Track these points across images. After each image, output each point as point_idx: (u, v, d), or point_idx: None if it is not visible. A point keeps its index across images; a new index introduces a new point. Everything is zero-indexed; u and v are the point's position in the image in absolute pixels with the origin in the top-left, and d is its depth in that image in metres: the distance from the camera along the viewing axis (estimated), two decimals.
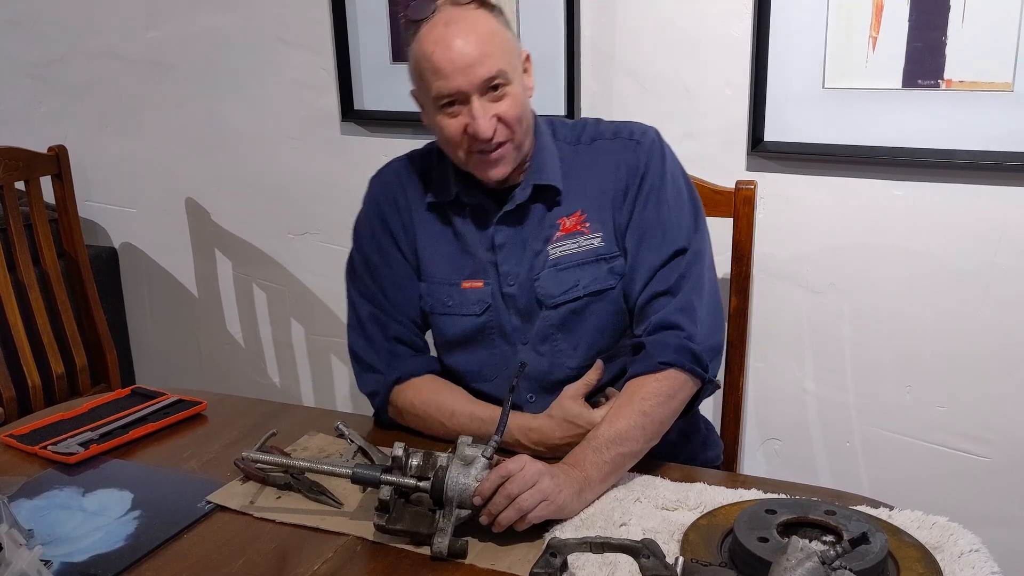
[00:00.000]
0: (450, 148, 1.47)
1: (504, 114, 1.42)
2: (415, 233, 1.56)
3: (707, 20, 2.00)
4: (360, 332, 1.59)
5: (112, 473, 1.47)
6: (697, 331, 1.44)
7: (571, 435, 1.40)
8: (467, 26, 1.40)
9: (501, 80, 1.41)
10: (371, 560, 1.22)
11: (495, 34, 1.42)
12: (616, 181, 1.51)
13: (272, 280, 2.64)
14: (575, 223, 1.51)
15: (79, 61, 2.68)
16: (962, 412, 2.01)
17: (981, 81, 1.81)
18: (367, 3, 2.28)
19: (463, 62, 1.38)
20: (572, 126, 1.58)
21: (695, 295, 1.47)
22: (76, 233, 2.45)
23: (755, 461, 2.23)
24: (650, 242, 1.48)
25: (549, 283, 1.50)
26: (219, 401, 1.73)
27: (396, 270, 1.57)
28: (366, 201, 1.62)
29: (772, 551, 1.08)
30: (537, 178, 1.50)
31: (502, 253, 1.52)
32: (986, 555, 1.15)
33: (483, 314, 1.53)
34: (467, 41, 1.39)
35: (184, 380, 2.81)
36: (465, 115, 1.42)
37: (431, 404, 1.52)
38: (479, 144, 1.42)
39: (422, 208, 1.56)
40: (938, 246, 1.95)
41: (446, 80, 1.40)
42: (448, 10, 1.42)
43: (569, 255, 1.50)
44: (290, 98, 2.46)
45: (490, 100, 1.42)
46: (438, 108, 1.43)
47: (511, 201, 1.51)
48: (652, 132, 1.55)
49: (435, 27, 1.41)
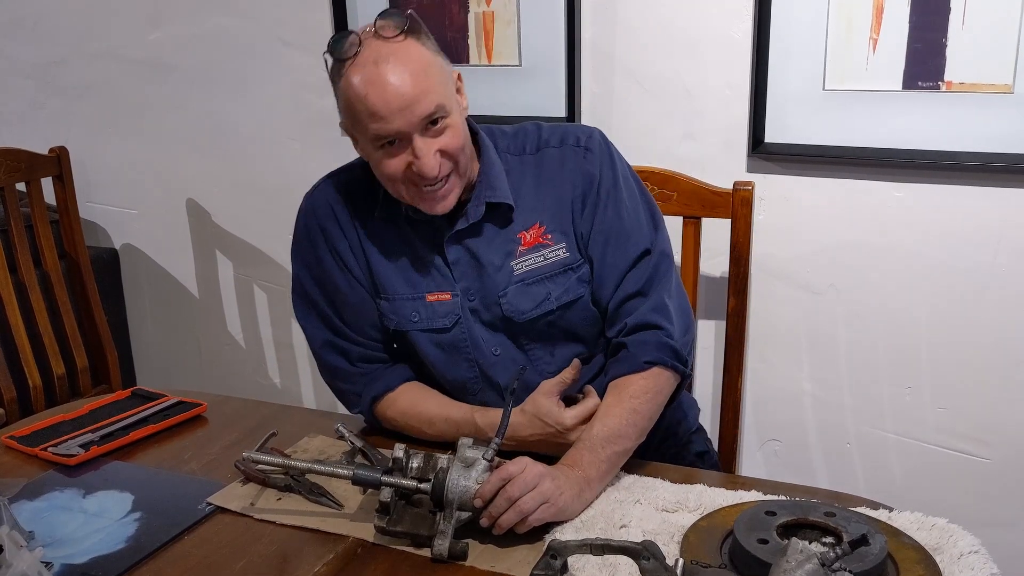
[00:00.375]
0: (391, 184, 1.42)
1: (446, 147, 1.37)
2: (364, 249, 1.51)
3: (707, 21, 2.00)
4: (329, 369, 1.58)
5: (113, 475, 1.48)
6: (673, 328, 1.45)
7: (539, 432, 1.40)
8: (399, 62, 1.33)
9: (441, 114, 1.36)
10: (372, 562, 1.23)
11: (429, 65, 1.36)
12: (573, 189, 1.49)
13: (273, 281, 2.64)
14: (536, 236, 1.49)
15: (80, 62, 2.68)
16: (961, 413, 2.02)
17: (981, 83, 1.81)
18: (367, 5, 2.28)
19: (400, 103, 1.32)
20: (513, 135, 1.54)
21: (665, 294, 1.48)
22: (77, 234, 2.45)
23: (754, 462, 2.23)
24: (615, 247, 1.48)
25: (518, 299, 1.48)
26: (219, 403, 1.73)
27: (347, 291, 1.53)
28: (304, 221, 1.55)
29: (772, 553, 1.08)
30: (489, 195, 1.47)
31: (457, 269, 1.49)
32: (985, 556, 1.15)
33: (453, 327, 1.51)
34: (402, 80, 1.32)
35: (184, 381, 2.82)
36: (407, 154, 1.36)
37: (410, 415, 1.52)
38: (424, 180, 1.38)
39: (371, 221, 1.51)
40: (938, 247, 1.95)
41: (384, 123, 1.34)
42: (375, 45, 1.34)
43: (535, 268, 1.48)
44: (291, 99, 2.46)
45: (431, 135, 1.36)
46: (376, 147, 1.38)
47: (463, 219, 1.47)
48: (597, 135, 1.52)
49: (364, 66, 1.33)
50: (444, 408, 1.51)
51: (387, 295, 1.52)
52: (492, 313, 1.50)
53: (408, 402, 1.53)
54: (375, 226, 1.51)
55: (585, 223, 1.49)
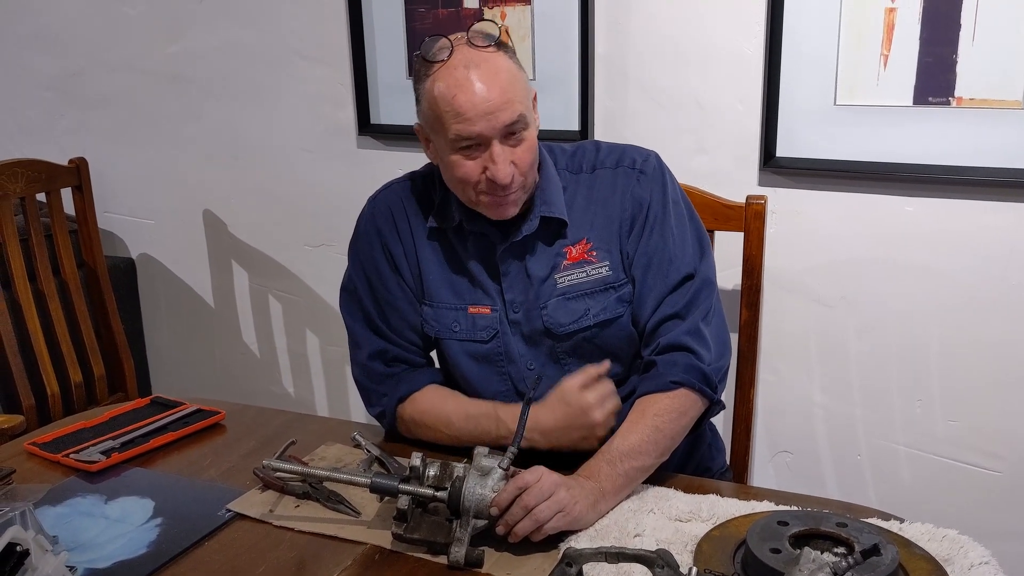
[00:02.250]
0: (460, 187, 1.46)
1: (520, 160, 1.42)
2: (418, 257, 1.57)
3: (720, 37, 2.02)
4: (362, 366, 1.60)
5: (133, 481, 1.50)
6: (706, 353, 1.46)
7: (562, 417, 1.41)
8: (489, 70, 1.38)
9: (521, 125, 1.41)
10: (389, 569, 1.24)
11: (515, 78, 1.41)
12: (622, 211, 1.52)
13: (288, 291, 2.67)
14: (581, 252, 1.52)
15: (99, 74, 2.72)
16: (972, 426, 2.02)
17: (992, 99, 1.83)
18: (384, 19, 2.31)
19: (486, 108, 1.37)
20: (572, 154, 1.57)
21: (703, 320, 1.49)
22: (95, 244, 2.48)
23: (765, 474, 2.24)
24: (657, 270, 1.50)
25: (558, 312, 1.51)
26: (237, 411, 1.75)
27: (395, 293, 1.57)
28: (364, 224, 1.61)
29: (784, 562, 1.10)
30: (545, 211, 1.50)
31: (507, 281, 1.53)
32: (996, 568, 1.16)
33: (491, 340, 1.54)
34: (490, 86, 1.37)
35: (200, 390, 2.84)
36: (483, 159, 1.40)
37: (429, 414, 1.54)
38: (494, 188, 1.42)
39: (424, 232, 1.56)
40: (948, 261, 1.96)
41: (468, 124, 1.38)
42: (466, 51, 1.40)
43: (577, 284, 1.51)
44: (307, 112, 2.49)
45: (509, 144, 1.41)
46: (454, 149, 1.42)
47: (518, 233, 1.50)
48: (653, 158, 1.55)
49: (455, 69, 1.38)
50: (463, 405, 1.53)
51: (432, 302, 1.56)
52: (533, 326, 1.53)
53: (428, 402, 1.55)
54: (429, 234, 1.56)
55: (631, 244, 1.51)
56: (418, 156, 2.32)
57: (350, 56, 2.37)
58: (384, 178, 1.68)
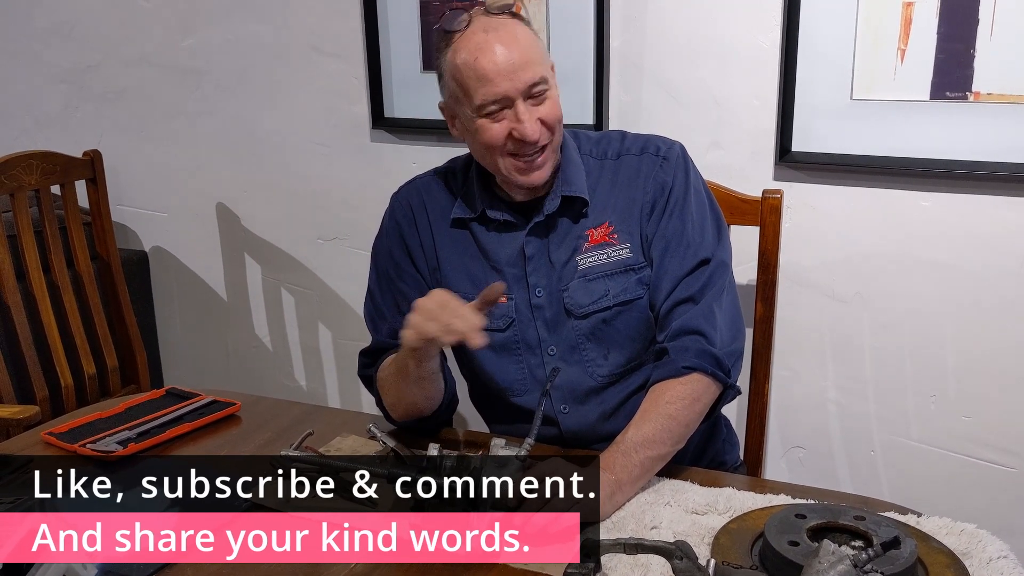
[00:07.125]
0: (490, 153, 1.48)
1: (547, 116, 1.45)
2: (437, 251, 1.59)
3: (736, 31, 2.02)
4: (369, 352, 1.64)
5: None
6: (717, 336, 1.46)
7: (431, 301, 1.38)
8: (507, 33, 1.43)
9: (543, 85, 1.44)
10: (399, 565, 1.24)
11: (534, 42, 1.46)
12: (644, 194, 1.53)
13: (301, 284, 2.67)
14: (603, 234, 1.53)
15: (114, 68, 2.72)
16: (987, 422, 2.02)
17: (1009, 94, 1.82)
18: (399, 13, 2.31)
19: (508, 67, 1.41)
20: (597, 141, 1.60)
21: (716, 302, 1.49)
22: (109, 236, 2.49)
23: (778, 468, 2.24)
24: (675, 252, 1.51)
25: (578, 293, 1.53)
26: (252, 403, 1.76)
27: (409, 284, 1.59)
28: (386, 219, 1.65)
29: (803, 555, 1.09)
30: (566, 189, 1.53)
31: (531, 264, 1.54)
32: (1015, 562, 1.16)
33: (507, 329, 1.56)
34: (510, 47, 1.42)
35: (212, 382, 2.84)
36: (509, 120, 1.44)
37: (384, 366, 1.57)
38: (523, 147, 1.45)
39: (445, 225, 1.59)
40: (964, 257, 1.96)
41: (492, 85, 1.42)
42: (483, 19, 1.45)
43: (598, 265, 1.53)
44: (322, 106, 2.49)
45: (533, 103, 1.45)
46: (480, 115, 1.45)
47: (541, 212, 1.53)
48: (678, 147, 1.57)
49: (474, 35, 1.43)
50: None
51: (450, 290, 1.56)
52: (554, 309, 1.54)
53: (389, 358, 1.56)
54: (449, 226, 1.58)
55: (651, 227, 1.53)
56: (432, 150, 2.34)
57: (364, 50, 2.37)
58: (398, 172, 1.68)
